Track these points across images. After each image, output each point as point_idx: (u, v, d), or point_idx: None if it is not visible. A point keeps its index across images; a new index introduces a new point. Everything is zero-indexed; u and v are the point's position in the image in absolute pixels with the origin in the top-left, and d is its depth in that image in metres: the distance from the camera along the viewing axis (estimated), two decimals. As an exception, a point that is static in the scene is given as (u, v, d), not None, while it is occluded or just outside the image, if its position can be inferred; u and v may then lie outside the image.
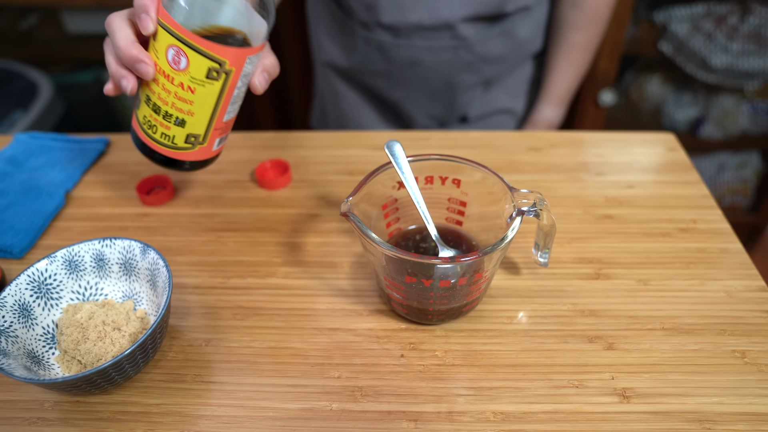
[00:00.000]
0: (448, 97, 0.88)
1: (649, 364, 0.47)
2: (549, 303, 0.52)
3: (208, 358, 0.49)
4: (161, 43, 0.44)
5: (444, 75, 0.85)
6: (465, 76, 0.86)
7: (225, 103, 0.48)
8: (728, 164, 1.56)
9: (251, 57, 0.47)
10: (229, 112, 0.50)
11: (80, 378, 0.40)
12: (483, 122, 0.93)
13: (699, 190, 0.64)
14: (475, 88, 0.89)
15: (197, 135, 0.49)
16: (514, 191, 0.47)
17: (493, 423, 0.43)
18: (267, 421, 0.44)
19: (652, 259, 0.56)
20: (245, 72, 0.47)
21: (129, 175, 0.68)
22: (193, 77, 0.45)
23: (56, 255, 0.49)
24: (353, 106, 0.94)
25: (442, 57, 0.83)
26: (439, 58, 0.83)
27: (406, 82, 0.87)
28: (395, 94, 0.89)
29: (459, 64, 0.84)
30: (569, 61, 0.89)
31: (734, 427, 0.42)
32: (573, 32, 0.86)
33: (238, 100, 0.50)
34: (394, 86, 0.88)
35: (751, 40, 1.28)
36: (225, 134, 0.52)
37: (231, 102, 0.49)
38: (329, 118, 1.00)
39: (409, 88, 0.87)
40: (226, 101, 0.48)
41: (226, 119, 0.50)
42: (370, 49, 0.84)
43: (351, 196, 0.46)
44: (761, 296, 0.52)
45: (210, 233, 0.61)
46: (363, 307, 0.52)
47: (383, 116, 0.95)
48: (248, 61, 0.47)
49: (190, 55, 0.44)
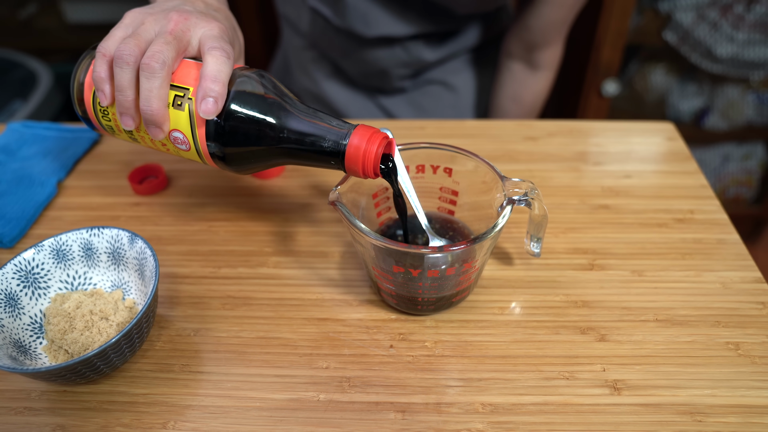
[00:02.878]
0: (382, 79, 0.88)
1: (641, 356, 0.46)
2: (541, 294, 0.52)
3: (197, 348, 0.48)
4: None
5: (381, 66, 0.85)
6: (401, 71, 0.86)
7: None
8: (733, 155, 1.54)
9: None
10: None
11: (64, 368, 0.40)
12: (418, 91, 0.92)
13: (697, 180, 0.63)
14: (410, 75, 0.89)
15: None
16: (506, 180, 0.46)
17: (481, 414, 0.43)
18: (254, 412, 0.44)
19: (648, 249, 0.55)
20: None
21: (121, 165, 0.68)
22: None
23: (43, 244, 0.49)
24: (311, 59, 0.93)
25: (379, 55, 0.83)
26: (375, 55, 0.83)
27: (350, 58, 0.87)
28: (342, 63, 0.89)
29: (395, 61, 0.84)
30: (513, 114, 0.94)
31: (726, 419, 0.42)
32: (513, 104, 0.91)
33: None
34: (341, 58, 0.88)
35: (757, 30, 1.26)
36: None
37: None
38: (290, 69, 0.99)
39: (353, 62, 0.87)
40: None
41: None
42: (317, 30, 0.85)
43: (339, 184, 0.46)
44: (757, 288, 0.51)
45: (202, 223, 0.60)
46: (353, 297, 0.52)
47: (337, 73, 0.93)
48: None
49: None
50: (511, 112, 0.92)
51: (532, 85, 0.88)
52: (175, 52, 0.43)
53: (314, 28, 0.85)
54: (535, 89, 0.89)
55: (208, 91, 0.41)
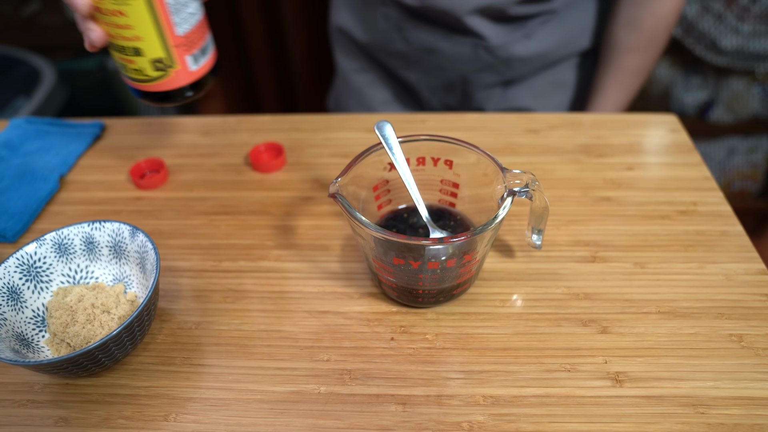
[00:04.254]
0: (464, 92, 0.85)
1: (643, 348, 0.46)
2: (543, 286, 0.51)
3: (198, 341, 0.48)
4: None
5: (461, 70, 0.82)
6: (484, 76, 0.82)
7: (164, 14, 0.46)
8: (738, 149, 1.53)
9: None
10: (179, 24, 0.47)
11: (66, 360, 0.40)
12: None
13: (700, 172, 0.63)
14: (494, 87, 0.85)
15: (161, 58, 0.48)
16: (506, 172, 0.46)
17: (482, 407, 0.43)
18: (255, 404, 0.44)
19: (650, 241, 0.55)
20: None
21: (123, 159, 0.68)
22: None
23: (45, 238, 0.49)
24: (368, 83, 0.92)
25: (460, 50, 0.79)
26: (457, 50, 0.79)
27: (422, 67, 0.84)
28: (411, 76, 0.87)
29: (478, 64, 0.80)
30: (619, 84, 0.82)
31: (728, 411, 0.42)
32: (627, 55, 0.79)
33: (181, 8, 0.47)
34: (410, 69, 0.86)
35: (762, 21, 1.25)
36: (196, 49, 0.50)
37: (172, 12, 0.46)
38: (343, 99, 0.98)
39: (425, 74, 0.85)
40: (162, 12, 0.46)
41: (181, 32, 0.48)
42: (390, 27, 0.82)
43: (339, 177, 0.46)
44: (760, 279, 0.51)
45: (203, 216, 0.60)
46: (354, 290, 0.52)
47: (398, 97, 0.93)
48: None
49: None
50: (626, 44, 0.78)
51: (655, 5, 0.74)
52: None
53: (386, 24, 0.81)
54: (658, 11, 0.74)
55: None
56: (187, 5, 0.48)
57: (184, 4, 0.47)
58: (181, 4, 0.47)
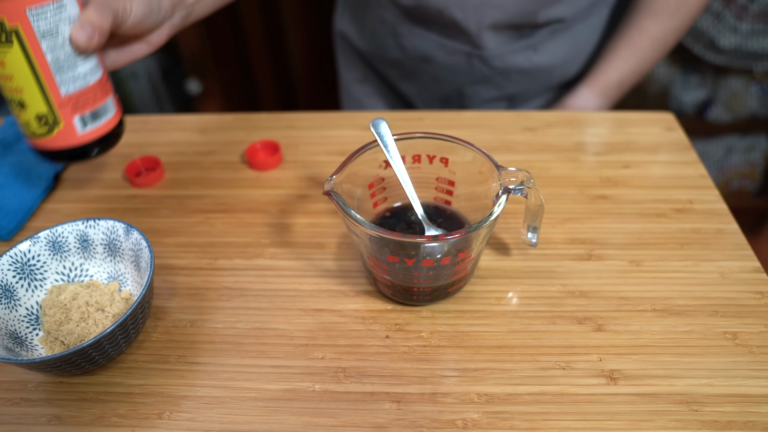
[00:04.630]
0: (461, 107, 0.82)
1: (638, 346, 0.46)
2: (539, 284, 0.51)
3: (193, 339, 0.48)
4: None
5: (456, 83, 0.79)
6: (480, 89, 0.80)
7: (44, 70, 0.44)
8: (736, 147, 1.53)
9: (35, 9, 0.42)
10: (63, 83, 0.45)
11: (59, 358, 0.40)
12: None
13: (696, 170, 0.63)
14: (496, 103, 0.81)
15: (44, 114, 0.46)
16: (501, 169, 0.46)
17: (477, 404, 0.43)
18: (249, 402, 0.44)
19: (646, 239, 0.55)
20: (43, 29, 0.43)
21: (119, 157, 0.68)
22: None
23: (39, 236, 0.49)
24: (367, 93, 0.91)
25: (454, 60, 0.77)
26: (451, 59, 0.77)
27: (418, 78, 0.82)
28: (408, 88, 0.85)
29: (474, 75, 0.78)
30: (634, 48, 0.74)
31: (722, 408, 0.42)
32: (649, 18, 0.72)
33: (66, 69, 0.45)
34: (406, 80, 0.84)
35: (760, 20, 1.25)
36: (86, 112, 0.48)
37: (54, 70, 0.45)
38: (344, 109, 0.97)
39: (421, 86, 0.83)
40: (43, 68, 0.44)
41: (65, 92, 0.46)
42: (385, 32, 0.81)
43: (335, 174, 0.46)
44: (755, 277, 0.51)
45: (199, 214, 0.60)
46: (349, 287, 0.52)
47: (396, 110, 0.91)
48: (35, 16, 0.43)
49: None
50: (650, 5, 0.70)
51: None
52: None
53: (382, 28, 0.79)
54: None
55: None
56: (75, 66, 0.46)
57: (71, 65, 0.46)
58: (66, 65, 0.45)
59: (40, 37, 0.43)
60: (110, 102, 0.50)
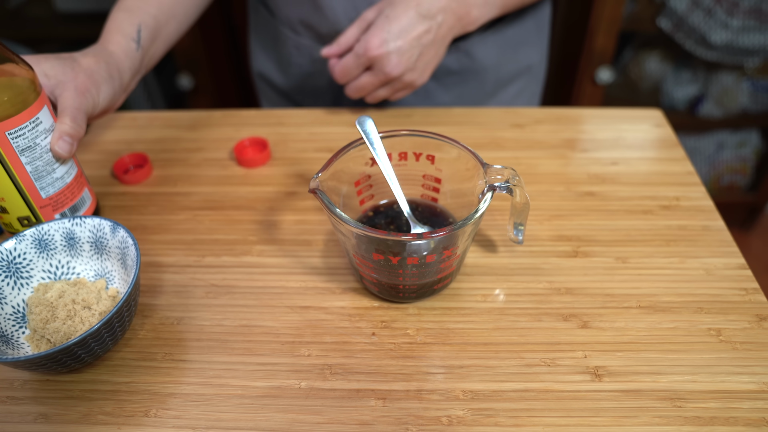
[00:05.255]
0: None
1: (623, 343, 0.46)
2: (525, 281, 0.52)
3: (180, 336, 0.48)
4: None
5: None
6: (408, 98, 0.78)
7: (26, 181, 0.49)
8: (727, 143, 1.54)
9: (14, 131, 0.47)
10: (43, 188, 0.50)
11: (44, 356, 0.40)
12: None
13: (684, 167, 0.63)
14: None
15: (26, 216, 0.51)
16: (487, 167, 0.46)
17: (462, 401, 0.43)
18: (235, 399, 0.44)
19: (632, 236, 0.55)
20: (22, 147, 0.48)
21: (107, 154, 0.68)
22: None
23: (25, 234, 0.49)
24: None
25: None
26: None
27: (346, 101, 0.78)
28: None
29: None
30: None
31: (705, 404, 0.42)
32: None
33: (45, 175, 0.50)
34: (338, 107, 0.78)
35: (751, 16, 1.25)
36: (65, 208, 0.53)
37: (34, 178, 0.49)
38: None
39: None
40: (24, 178, 0.49)
41: (45, 195, 0.51)
42: (303, 59, 0.77)
43: (320, 172, 0.46)
44: (740, 274, 0.51)
45: (186, 212, 0.60)
46: (336, 285, 0.52)
47: None
48: (14, 137, 0.47)
49: None
50: None
51: None
52: None
53: (300, 57, 0.77)
54: None
55: None
56: (53, 171, 0.51)
57: (50, 171, 0.50)
58: (45, 171, 0.50)
59: (20, 153, 0.48)
60: (86, 194, 0.56)
